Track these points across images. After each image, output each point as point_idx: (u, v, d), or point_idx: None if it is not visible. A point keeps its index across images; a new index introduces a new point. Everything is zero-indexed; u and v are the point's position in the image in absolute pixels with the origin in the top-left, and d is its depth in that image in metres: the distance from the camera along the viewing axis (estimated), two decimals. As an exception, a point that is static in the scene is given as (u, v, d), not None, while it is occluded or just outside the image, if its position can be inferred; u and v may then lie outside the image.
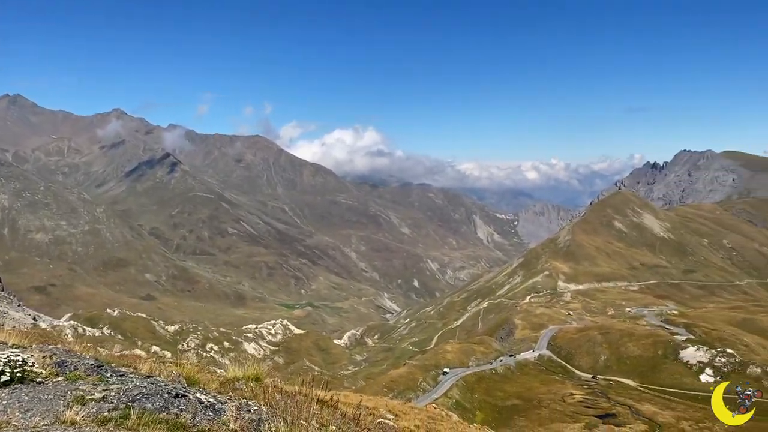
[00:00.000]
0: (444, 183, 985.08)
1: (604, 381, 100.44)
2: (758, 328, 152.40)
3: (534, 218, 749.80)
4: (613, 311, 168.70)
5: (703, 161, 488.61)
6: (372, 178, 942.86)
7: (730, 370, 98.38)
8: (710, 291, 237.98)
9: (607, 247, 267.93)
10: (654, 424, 76.86)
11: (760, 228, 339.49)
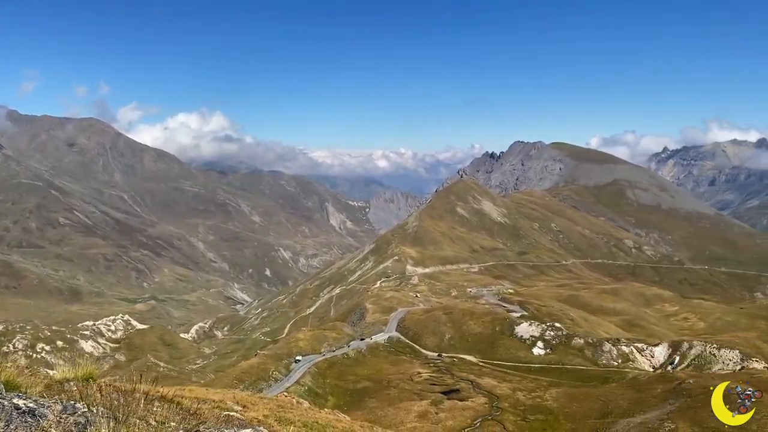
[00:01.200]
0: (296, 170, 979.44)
1: (448, 358, 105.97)
2: (581, 303, 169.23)
3: (384, 205, 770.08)
4: (456, 292, 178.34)
5: (534, 152, 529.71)
6: (220, 164, 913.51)
7: (558, 343, 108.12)
8: (541, 271, 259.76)
9: (451, 232, 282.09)
10: (493, 396, 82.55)
11: (582, 213, 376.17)
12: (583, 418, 73.13)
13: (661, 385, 75.12)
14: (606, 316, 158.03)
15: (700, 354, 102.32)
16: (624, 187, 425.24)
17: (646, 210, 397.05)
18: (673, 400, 66.29)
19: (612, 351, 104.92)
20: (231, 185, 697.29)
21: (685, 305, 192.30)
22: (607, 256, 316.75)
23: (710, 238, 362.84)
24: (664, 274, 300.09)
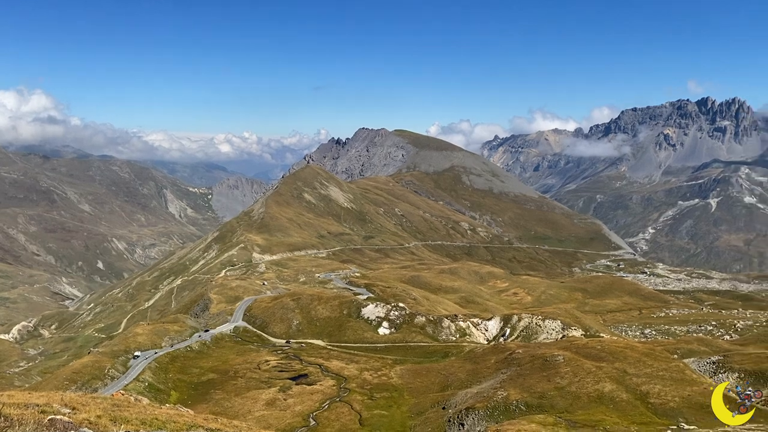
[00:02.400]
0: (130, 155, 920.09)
1: (297, 344, 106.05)
2: (423, 283, 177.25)
3: (228, 192, 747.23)
4: (305, 278, 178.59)
5: (378, 138, 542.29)
6: (42, 148, 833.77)
7: (402, 322, 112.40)
8: (386, 254, 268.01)
9: (298, 218, 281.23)
10: (341, 378, 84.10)
11: (423, 197, 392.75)
12: (426, 392, 76.95)
13: (494, 356, 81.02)
14: (445, 294, 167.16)
15: (528, 325, 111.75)
16: (460, 173, 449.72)
17: (480, 194, 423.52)
18: (505, 369, 71.81)
19: (451, 327, 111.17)
20: (56, 171, 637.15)
21: (514, 281, 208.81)
22: (445, 237, 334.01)
23: (535, 219, 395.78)
24: (496, 253, 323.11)
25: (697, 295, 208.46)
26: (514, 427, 46.93)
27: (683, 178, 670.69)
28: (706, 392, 56.58)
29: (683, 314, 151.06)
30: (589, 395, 57.70)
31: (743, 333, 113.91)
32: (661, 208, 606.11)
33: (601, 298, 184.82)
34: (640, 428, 47.12)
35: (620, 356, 67.39)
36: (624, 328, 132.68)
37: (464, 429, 58.42)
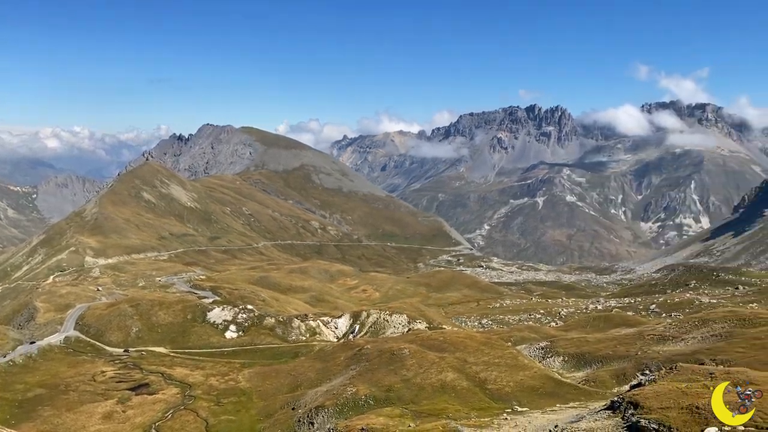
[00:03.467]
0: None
1: (136, 353, 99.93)
2: (272, 283, 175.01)
3: (57, 191, 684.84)
4: (144, 282, 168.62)
5: (224, 135, 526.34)
6: None
7: (250, 324, 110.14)
8: (233, 255, 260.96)
9: (136, 218, 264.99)
10: (185, 385, 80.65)
11: (272, 196, 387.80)
12: (275, 393, 76.13)
13: (343, 353, 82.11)
14: (295, 294, 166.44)
15: (376, 321, 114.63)
16: (310, 172, 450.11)
17: (330, 193, 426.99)
18: (355, 366, 73.07)
19: (301, 327, 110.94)
20: None
21: (363, 278, 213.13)
22: (295, 237, 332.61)
23: (383, 218, 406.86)
24: (345, 251, 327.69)
25: (527, 286, 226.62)
26: (363, 422, 47.95)
27: (514, 179, 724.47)
28: (536, 376, 61.73)
29: (516, 304, 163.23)
30: (433, 385, 60.46)
31: (567, 319, 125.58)
32: (496, 206, 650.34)
33: (443, 291, 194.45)
34: (480, 413, 50.19)
35: (461, 346, 71.37)
36: (464, 320, 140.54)
37: (314, 428, 58.65)
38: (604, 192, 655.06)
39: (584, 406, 45.71)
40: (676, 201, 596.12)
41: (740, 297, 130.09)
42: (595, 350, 73.86)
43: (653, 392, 30.40)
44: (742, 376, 32.62)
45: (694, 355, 59.54)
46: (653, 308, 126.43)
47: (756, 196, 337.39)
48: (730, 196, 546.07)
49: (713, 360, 55.80)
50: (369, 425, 46.45)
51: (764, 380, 31.30)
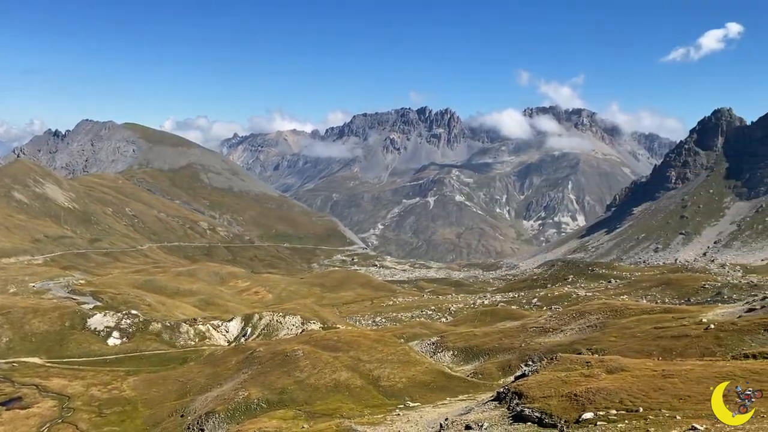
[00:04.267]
0: None
1: (7, 365, 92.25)
2: (158, 287, 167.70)
3: None
4: (16, 288, 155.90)
5: (105, 131, 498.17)
6: None
7: (135, 330, 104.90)
8: (115, 257, 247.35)
9: (6, 220, 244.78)
10: (63, 397, 75.53)
11: (157, 196, 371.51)
12: (163, 401, 73.07)
13: (235, 357, 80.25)
14: (183, 297, 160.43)
15: (269, 323, 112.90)
16: (198, 171, 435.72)
17: (220, 193, 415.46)
18: (246, 369, 71.60)
19: (189, 331, 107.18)
20: None
21: (256, 280, 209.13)
22: (183, 238, 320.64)
23: (276, 218, 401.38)
24: (236, 253, 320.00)
25: (419, 284, 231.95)
26: (255, 426, 47.13)
27: (407, 179, 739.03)
28: (427, 371, 63.33)
29: (408, 301, 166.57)
30: (327, 385, 60.46)
31: (456, 315, 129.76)
32: (389, 206, 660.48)
33: (337, 291, 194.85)
34: (373, 410, 50.80)
35: (355, 345, 71.87)
36: (358, 318, 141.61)
37: (205, 434, 56.90)
38: (490, 192, 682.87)
39: (473, 398, 47.48)
40: (555, 200, 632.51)
41: (612, 290, 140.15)
42: (483, 343, 76.87)
43: (536, 382, 32.14)
44: (614, 363, 35.19)
45: (572, 345, 63.46)
46: (535, 302, 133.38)
47: (626, 195, 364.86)
48: (603, 196, 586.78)
49: (589, 349, 59.77)
50: (261, 429, 45.75)
51: (633, 366, 33.96)
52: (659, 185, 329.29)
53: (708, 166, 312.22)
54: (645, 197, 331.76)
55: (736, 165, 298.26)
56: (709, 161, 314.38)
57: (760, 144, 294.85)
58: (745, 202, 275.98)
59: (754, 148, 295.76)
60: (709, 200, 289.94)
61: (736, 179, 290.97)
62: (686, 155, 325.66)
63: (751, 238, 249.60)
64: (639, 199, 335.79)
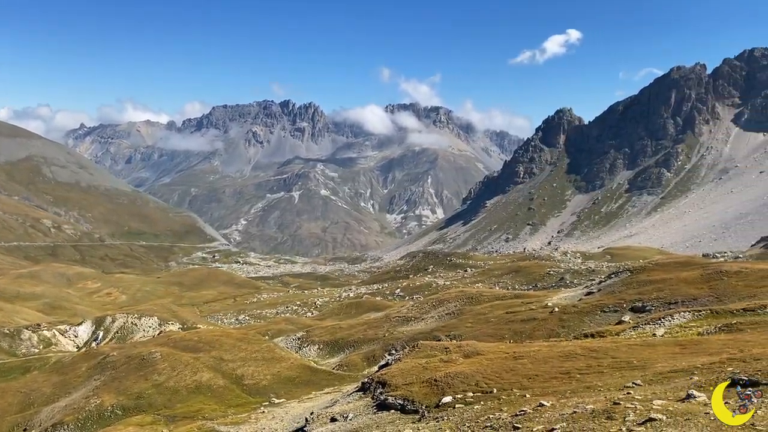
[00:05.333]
0: None
1: None
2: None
3: None
4: None
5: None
6: None
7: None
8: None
9: None
10: None
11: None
12: (3, 415, 66.46)
13: (85, 363, 74.79)
14: (25, 302, 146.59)
15: (123, 326, 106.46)
16: (40, 164, 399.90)
17: (65, 188, 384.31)
18: (99, 375, 67.02)
19: (32, 338, 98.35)
20: None
21: (107, 281, 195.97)
22: (23, 237, 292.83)
23: (129, 214, 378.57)
24: (85, 252, 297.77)
25: (284, 279, 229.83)
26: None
27: (270, 173, 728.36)
28: (292, 366, 63.00)
29: (273, 298, 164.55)
30: (188, 387, 58.25)
31: (322, 309, 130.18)
32: (252, 201, 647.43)
33: (197, 290, 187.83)
34: (237, 410, 49.72)
35: (217, 344, 69.79)
36: (220, 317, 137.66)
37: (51, 449, 52.59)
38: (354, 186, 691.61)
39: (338, 390, 47.97)
40: (416, 194, 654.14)
41: (469, 278, 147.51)
42: (348, 336, 77.84)
43: (399, 370, 33.09)
44: (470, 348, 37.09)
45: (432, 333, 66.06)
46: (398, 292, 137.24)
47: (480, 189, 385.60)
48: (459, 190, 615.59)
49: (448, 335, 62.54)
50: (117, 438, 43.16)
51: (488, 349, 36.01)
52: (509, 180, 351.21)
53: (552, 162, 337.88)
54: (497, 191, 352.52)
55: (575, 161, 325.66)
56: (552, 157, 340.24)
57: (596, 141, 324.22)
58: (583, 195, 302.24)
59: (591, 146, 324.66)
60: (553, 193, 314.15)
61: (576, 174, 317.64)
62: (533, 152, 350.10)
63: (589, 228, 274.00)
64: (491, 193, 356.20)
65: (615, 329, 45.54)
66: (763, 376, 19.65)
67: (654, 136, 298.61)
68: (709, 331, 35.93)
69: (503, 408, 22.55)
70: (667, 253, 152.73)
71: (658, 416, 15.37)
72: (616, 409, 17.21)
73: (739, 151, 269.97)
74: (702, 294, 54.61)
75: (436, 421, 23.35)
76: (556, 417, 18.06)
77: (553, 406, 20.03)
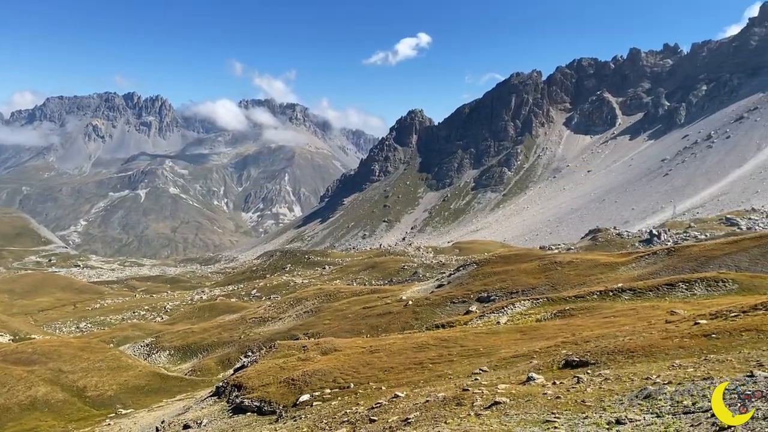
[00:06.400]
0: None
1: None
2: None
3: None
4: None
5: None
6: None
7: None
8: None
9: None
10: None
11: None
12: None
13: None
14: None
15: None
16: None
17: None
18: None
19: None
20: None
21: None
22: None
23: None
24: None
25: (130, 283, 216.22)
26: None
27: (114, 170, 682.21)
28: (140, 374, 59.60)
29: (118, 303, 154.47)
30: (22, 404, 53.06)
31: (172, 313, 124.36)
32: (93, 200, 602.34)
33: (31, 297, 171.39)
34: (78, 424, 46.17)
35: (54, 355, 64.25)
36: (59, 326, 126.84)
37: None
38: (207, 184, 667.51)
39: (191, 396, 46.17)
40: (273, 192, 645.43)
41: (327, 275, 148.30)
42: (201, 339, 75.14)
43: (255, 372, 32.51)
44: (328, 344, 37.33)
45: (290, 332, 65.65)
46: (254, 293, 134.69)
47: (337, 187, 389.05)
48: (317, 188, 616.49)
49: (306, 334, 62.49)
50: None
51: (345, 345, 36.46)
52: (365, 178, 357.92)
53: (405, 161, 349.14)
54: (354, 189, 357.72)
55: (427, 160, 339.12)
56: (405, 156, 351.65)
57: (445, 142, 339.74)
58: (434, 192, 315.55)
59: (440, 146, 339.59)
60: (407, 191, 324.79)
61: (427, 172, 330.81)
62: (387, 151, 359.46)
63: (439, 224, 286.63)
64: (348, 191, 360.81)
65: (464, 319, 48.09)
66: (591, 356, 21.76)
67: (497, 137, 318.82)
68: (546, 317, 39.09)
69: (360, 402, 22.95)
70: (509, 246, 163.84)
71: (503, 399, 16.45)
72: (465, 395, 18.18)
73: (570, 151, 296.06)
74: (540, 283, 59.28)
75: (294, 420, 23.26)
76: (411, 407, 18.71)
77: (407, 397, 20.73)
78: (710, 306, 30.74)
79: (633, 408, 13.77)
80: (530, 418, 14.52)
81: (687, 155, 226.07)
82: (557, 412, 14.58)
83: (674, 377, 16.09)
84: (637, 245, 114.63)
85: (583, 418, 13.58)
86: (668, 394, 14.21)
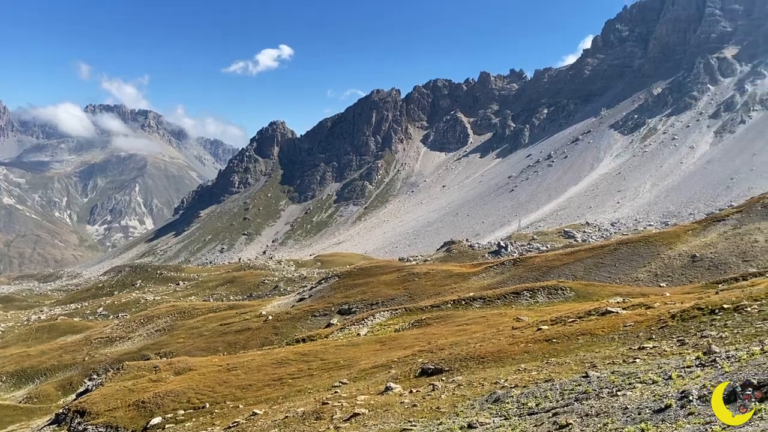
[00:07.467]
0: None
1: None
2: None
3: None
4: None
5: None
6: None
7: None
8: None
9: None
10: None
11: None
12: None
13: None
14: None
15: None
16: None
17: None
18: None
19: None
20: None
21: None
22: None
23: None
24: None
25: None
26: None
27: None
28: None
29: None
30: None
31: (5, 335, 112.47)
32: None
33: None
34: None
35: None
36: None
37: None
38: (47, 194, 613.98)
39: (26, 426, 41.99)
40: (122, 203, 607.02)
41: (181, 291, 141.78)
42: (39, 363, 68.70)
43: (101, 396, 30.26)
44: (182, 364, 35.66)
45: (140, 352, 61.89)
46: (101, 311, 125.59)
47: (193, 199, 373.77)
48: (171, 199, 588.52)
49: (158, 353, 59.23)
50: None
51: (200, 364, 35.02)
52: (224, 189, 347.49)
53: (266, 173, 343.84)
54: (211, 200, 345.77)
55: (289, 172, 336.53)
56: (267, 168, 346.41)
57: (307, 154, 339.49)
58: (296, 205, 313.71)
59: (303, 158, 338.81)
60: (268, 203, 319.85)
61: (289, 185, 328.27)
62: (248, 162, 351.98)
63: (301, 237, 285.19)
64: (206, 203, 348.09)
65: (325, 332, 48.13)
66: (446, 364, 22.68)
67: (358, 151, 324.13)
68: (404, 327, 40.19)
69: (216, 422, 22.17)
70: (370, 258, 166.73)
71: (362, 411, 16.65)
72: (325, 408, 18.18)
73: (427, 167, 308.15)
74: (399, 294, 60.86)
75: (144, 445, 21.93)
76: (269, 424, 18.36)
77: (266, 414, 20.32)
78: (551, 312, 33.29)
79: (483, 412, 14.53)
80: (388, 427, 14.83)
81: (530, 173, 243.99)
82: (414, 420, 15.02)
83: (520, 380, 17.21)
84: (486, 256, 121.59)
85: (438, 425, 14.10)
86: (515, 397, 15.18)
